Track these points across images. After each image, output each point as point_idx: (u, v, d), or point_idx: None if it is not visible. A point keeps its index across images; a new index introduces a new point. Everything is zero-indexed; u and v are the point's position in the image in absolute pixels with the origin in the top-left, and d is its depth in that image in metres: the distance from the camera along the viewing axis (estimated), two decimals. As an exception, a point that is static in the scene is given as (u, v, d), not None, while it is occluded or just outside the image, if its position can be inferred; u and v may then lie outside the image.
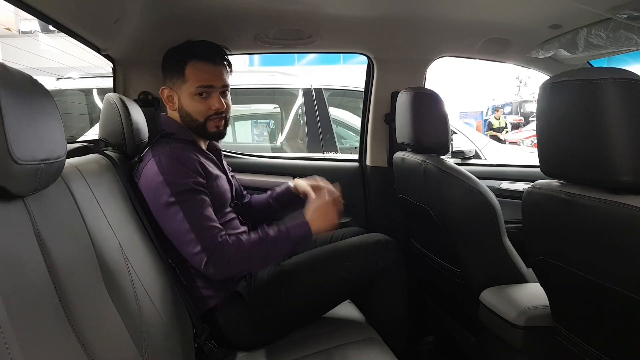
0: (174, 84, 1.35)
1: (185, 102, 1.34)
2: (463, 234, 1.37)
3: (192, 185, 1.23)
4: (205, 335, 1.24)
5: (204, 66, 1.33)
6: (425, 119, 1.44)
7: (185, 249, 1.20)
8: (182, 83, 1.33)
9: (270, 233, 1.25)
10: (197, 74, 1.32)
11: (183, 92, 1.34)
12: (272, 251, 1.24)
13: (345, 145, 3.51)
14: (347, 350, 1.19)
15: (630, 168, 0.75)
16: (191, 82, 1.32)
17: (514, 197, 1.98)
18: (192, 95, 1.33)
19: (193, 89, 1.32)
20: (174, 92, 1.36)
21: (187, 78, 1.32)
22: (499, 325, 1.22)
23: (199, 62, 1.33)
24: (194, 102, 1.34)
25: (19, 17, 9.37)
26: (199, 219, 1.20)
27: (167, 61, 1.37)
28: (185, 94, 1.34)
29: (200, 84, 1.32)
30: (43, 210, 0.72)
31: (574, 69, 1.16)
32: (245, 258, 1.22)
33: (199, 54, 1.33)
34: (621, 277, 0.78)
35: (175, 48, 1.37)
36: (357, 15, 1.56)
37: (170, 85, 1.36)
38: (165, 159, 1.23)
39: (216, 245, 1.19)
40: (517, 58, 1.95)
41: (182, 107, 1.35)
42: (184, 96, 1.34)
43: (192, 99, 1.33)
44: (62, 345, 0.64)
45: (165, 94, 1.37)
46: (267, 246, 1.23)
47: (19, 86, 0.64)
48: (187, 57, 1.33)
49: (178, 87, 1.35)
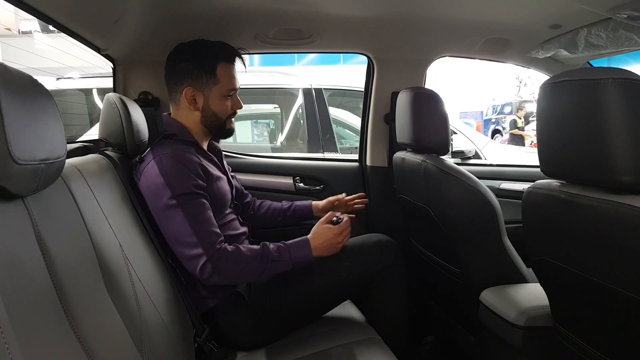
0: (202, 84, 1.34)
1: (214, 103, 1.36)
2: (463, 234, 1.37)
3: (192, 189, 1.23)
4: (205, 335, 1.24)
5: (232, 68, 1.38)
6: (425, 119, 1.44)
7: (181, 251, 1.20)
8: (214, 84, 1.34)
9: (272, 252, 1.26)
10: (229, 76, 1.36)
11: (213, 94, 1.35)
12: (269, 268, 1.25)
13: (345, 145, 3.51)
14: (347, 350, 1.19)
15: (630, 168, 0.75)
16: (223, 83, 1.35)
17: (514, 197, 1.98)
18: (222, 97, 1.36)
19: (224, 90, 1.36)
20: (200, 93, 1.35)
21: (220, 80, 1.34)
22: (499, 325, 1.22)
23: (228, 64, 1.37)
24: (223, 103, 1.37)
25: (19, 17, 9.36)
26: (198, 223, 1.20)
27: (193, 63, 1.33)
28: (216, 94, 1.35)
29: (231, 86, 1.37)
30: (43, 210, 0.72)
31: (574, 69, 1.16)
32: (241, 270, 1.22)
33: (228, 56, 1.37)
34: (621, 277, 0.78)
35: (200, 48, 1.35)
36: (357, 15, 1.56)
37: (196, 86, 1.34)
38: (166, 160, 1.23)
39: (214, 251, 1.20)
40: (517, 58, 1.95)
41: (209, 107, 1.36)
42: (214, 97, 1.36)
43: (222, 99, 1.37)
44: (62, 345, 0.64)
45: (189, 95, 1.34)
46: (265, 263, 1.24)
47: (19, 86, 0.64)
48: (217, 59, 1.34)
49: (207, 88, 1.35)
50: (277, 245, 1.29)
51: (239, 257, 1.22)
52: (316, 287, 1.34)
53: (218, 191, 1.34)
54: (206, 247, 1.19)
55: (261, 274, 1.24)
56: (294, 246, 1.29)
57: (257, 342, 1.31)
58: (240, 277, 1.24)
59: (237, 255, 1.22)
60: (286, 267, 1.27)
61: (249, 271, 1.23)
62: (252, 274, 1.24)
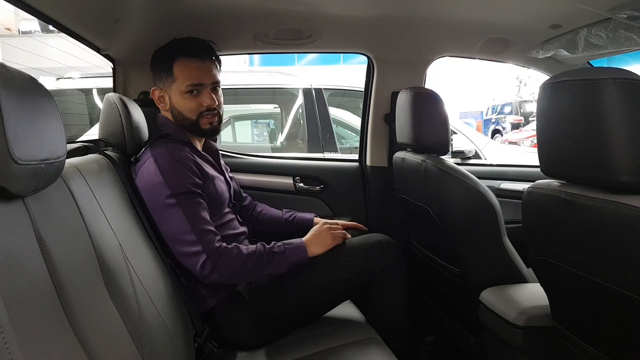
0: (164, 83, 1.35)
1: (176, 101, 1.34)
2: (463, 234, 1.37)
3: (189, 187, 1.23)
4: (205, 335, 1.24)
5: (192, 63, 1.32)
6: (425, 119, 1.44)
7: (180, 250, 1.21)
8: (172, 82, 1.33)
9: (269, 251, 1.28)
10: (186, 71, 1.31)
11: (173, 91, 1.33)
12: (266, 268, 1.26)
13: (345, 145, 3.51)
14: (347, 350, 1.19)
15: (630, 168, 0.75)
16: (180, 80, 1.31)
17: (514, 197, 1.98)
18: (183, 94, 1.32)
19: (183, 87, 1.32)
20: (165, 92, 1.36)
21: (176, 77, 1.32)
22: (499, 325, 1.22)
23: (187, 60, 1.32)
24: (185, 100, 1.33)
25: (19, 17, 9.37)
26: (196, 221, 1.21)
27: (154, 62, 1.36)
28: (176, 92, 1.33)
29: (189, 82, 1.31)
30: (43, 210, 0.72)
31: (574, 69, 1.16)
32: (239, 268, 1.23)
33: (186, 51, 1.32)
34: (621, 277, 0.78)
35: (162, 47, 1.36)
36: (357, 15, 1.56)
37: (160, 86, 1.36)
38: (161, 159, 1.23)
39: (214, 249, 1.20)
40: (517, 58, 1.95)
41: (174, 106, 1.35)
42: (175, 95, 1.33)
43: (183, 97, 1.33)
44: (62, 345, 0.64)
45: (157, 95, 1.37)
46: (262, 263, 1.26)
47: (19, 86, 0.64)
48: (174, 56, 1.32)
49: (168, 87, 1.34)
50: (274, 245, 1.30)
51: (238, 255, 1.23)
52: (316, 287, 1.34)
53: (215, 190, 1.34)
54: (205, 245, 1.20)
55: (257, 273, 1.26)
56: (290, 247, 1.31)
57: (257, 342, 1.31)
58: (238, 275, 1.25)
59: (235, 254, 1.23)
60: (282, 269, 1.29)
61: (246, 270, 1.24)
62: (249, 272, 1.25)
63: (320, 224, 1.42)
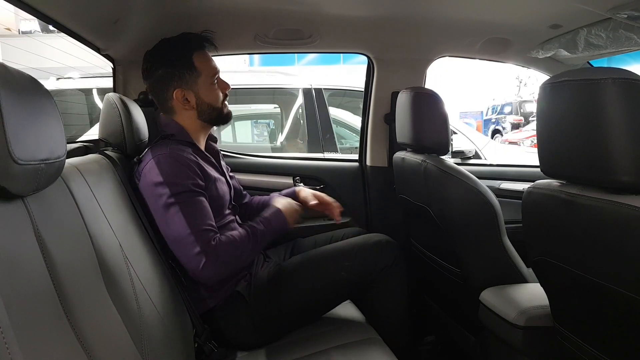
0: (187, 81, 1.33)
1: (205, 94, 1.35)
2: (463, 233, 1.37)
3: (190, 187, 1.23)
4: (205, 335, 1.24)
5: (206, 54, 1.37)
6: (425, 119, 1.44)
7: (181, 251, 1.20)
8: (197, 77, 1.33)
9: (258, 228, 1.31)
10: (206, 63, 1.35)
11: (201, 86, 1.34)
12: (259, 243, 1.30)
13: (345, 145, 3.51)
14: (347, 350, 1.19)
15: (630, 168, 0.75)
16: (205, 72, 1.34)
17: (514, 197, 1.98)
18: (210, 85, 1.35)
19: (209, 78, 1.35)
20: (189, 90, 1.34)
21: (201, 70, 1.33)
22: (499, 325, 1.22)
23: (201, 52, 1.35)
24: (213, 91, 1.37)
25: (19, 17, 9.38)
26: (197, 221, 1.21)
27: (172, 64, 1.32)
28: (204, 86, 1.35)
29: (213, 71, 1.36)
30: (43, 210, 0.72)
31: (574, 69, 1.16)
32: (238, 256, 1.25)
33: (196, 45, 1.35)
34: (621, 277, 0.78)
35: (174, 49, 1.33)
36: (357, 15, 1.56)
37: (182, 86, 1.33)
38: (164, 160, 1.23)
39: (211, 248, 1.20)
40: (517, 58, 1.95)
41: (202, 100, 1.35)
42: (203, 89, 1.35)
43: (210, 88, 1.36)
44: (62, 345, 0.64)
45: (180, 96, 1.33)
46: (256, 240, 1.29)
47: (19, 86, 0.64)
48: (190, 51, 1.33)
49: (194, 83, 1.33)
50: (259, 219, 1.35)
51: (235, 243, 1.25)
52: (316, 287, 1.34)
53: (216, 192, 1.34)
54: (205, 244, 1.20)
55: (253, 252, 1.30)
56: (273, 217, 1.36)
57: (257, 342, 1.31)
58: (238, 262, 1.27)
59: (233, 242, 1.25)
60: (271, 237, 1.34)
61: (244, 253, 1.27)
62: (247, 254, 1.28)
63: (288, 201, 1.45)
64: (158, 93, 1.36)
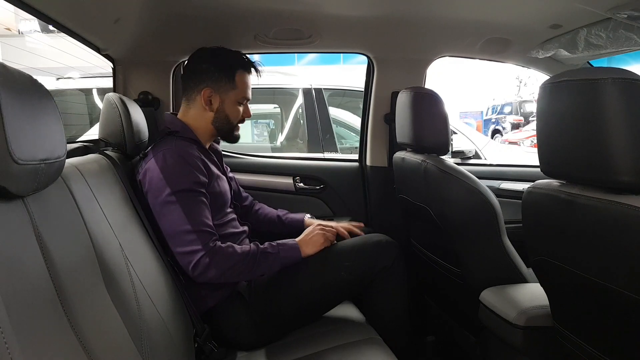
0: (221, 87, 1.38)
1: (228, 106, 1.40)
2: (463, 234, 1.37)
3: (192, 185, 1.24)
4: (205, 335, 1.24)
5: (248, 78, 1.43)
6: (425, 119, 1.44)
7: (177, 247, 1.22)
8: (231, 89, 1.39)
9: (263, 251, 1.30)
10: (245, 84, 1.42)
11: (229, 98, 1.40)
12: (260, 267, 1.28)
13: (345, 145, 3.51)
14: (347, 350, 1.19)
15: (630, 168, 0.75)
16: (240, 90, 1.40)
17: (514, 197, 1.98)
18: (236, 103, 1.41)
19: (240, 97, 1.41)
20: (217, 95, 1.39)
21: (237, 86, 1.39)
22: (499, 325, 1.22)
23: (245, 73, 1.42)
24: (236, 109, 1.42)
25: (19, 17, 9.37)
26: (195, 219, 1.22)
27: (215, 65, 1.38)
28: (232, 99, 1.40)
29: (246, 94, 1.42)
30: (43, 210, 0.72)
31: (574, 69, 1.16)
32: (233, 266, 1.24)
33: (246, 65, 1.42)
34: (621, 276, 0.78)
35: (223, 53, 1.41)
36: (357, 15, 1.56)
37: (214, 88, 1.38)
38: (169, 156, 1.25)
39: (210, 248, 1.21)
40: (517, 58, 1.95)
41: (224, 110, 1.40)
42: (230, 101, 1.40)
43: (235, 105, 1.41)
44: (62, 345, 0.64)
45: (207, 95, 1.38)
46: (256, 262, 1.28)
47: (19, 86, 0.64)
48: (237, 65, 1.39)
49: (224, 92, 1.39)
50: (268, 245, 1.32)
51: (232, 254, 1.25)
52: (316, 287, 1.34)
53: (219, 189, 1.35)
54: (203, 243, 1.21)
55: (250, 273, 1.28)
56: (284, 248, 1.33)
57: (257, 342, 1.31)
58: (231, 274, 1.25)
59: (230, 252, 1.25)
60: (275, 269, 1.31)
61: (240, 269, 1.25)
62: (242, 272, 1.27)
63: (314, 225, 1.44)
64: (192, 83, 1.40)
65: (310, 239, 1.38)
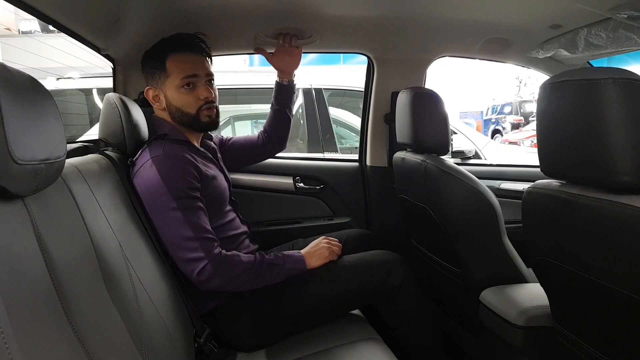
0: (157, 81, 1.34)
1: (173, 97, 1.33)
2: (463, 233, 1.37)
3: (187, 191, 1.22)
4: (205, 336, 1.24)
5: (185, 56, 1.32)
6: (425, 119, 1.44)
7: (180, 255, 1.20)
8: (166, 78, 1.32)
9: (268, 262, 1.28)
10: (179, 65, 1.31)
11: (168, 88, 1.32)
12: (264, 277, 1.27)
13: (345, 145, 3.50)
14: (347, 350, 1.19)
15: (630, 168, 0.75)
16: (175, 75, 1.31)
17: (514, 197, 1.98)
18: (178, 88, 1.32)
19: (178, 81, 1.31)
20: (159, 90, 1.35)
21: (170, 72, 1.31)
22: (499, 325, 1.22)
23: (179, 54, 1.32)
24: (182, 95, 1.32)
25: (19, 17, 9.37)
26: (197, 227, 1.20)
27: (146, 62, 1.36)
28: (171, 88, 1.32)
29: (184, 74, 1.31)
30: (43, 210, 0.72)
31: (574, 69, 1.16)
32: (238, 276, 1.23)
33: (177, 46, 1.32)
34: (621, 276, 0.78)
35: (151, 47, 1.36)
36: (357, 15, 1.56)
37: (153, 85, 1.35)
38: (159, 162, 1.22)
39: (214, 255, 1.20)
40: (517, 58, 1.95)
41: (171, 103, 1.34)
42: (170, 91, 1.32)
43: (179, 92, 1.32)
44: (62, 345, 0.64)
45: (151, 95, 1.36)
46: (261, 272, 1.26)
47: (19, 86, 0.64)
48: (165, 52, 1.31)
49: (162, 84, 1.33)
50: (273, 256, 1.31)
51: (238, 263, 1.23)
52: (320, 300, 1.33)
53: (214, 190, 1.33)
54: (206, 251, 1.19)
55: (255, 283, 1.26)
56: (290, 259, 1.31)
57: (257, 344, 1.31)
58: (236, 283, 1.24)
59: (236, 262, 1.23)
60: (279, 279, 1.29)
61: (244, 279, 1.24)
62: (247, 282, 1.25)
63: (320, 238, 1.42)
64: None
65: (315, 251, 1.36)
